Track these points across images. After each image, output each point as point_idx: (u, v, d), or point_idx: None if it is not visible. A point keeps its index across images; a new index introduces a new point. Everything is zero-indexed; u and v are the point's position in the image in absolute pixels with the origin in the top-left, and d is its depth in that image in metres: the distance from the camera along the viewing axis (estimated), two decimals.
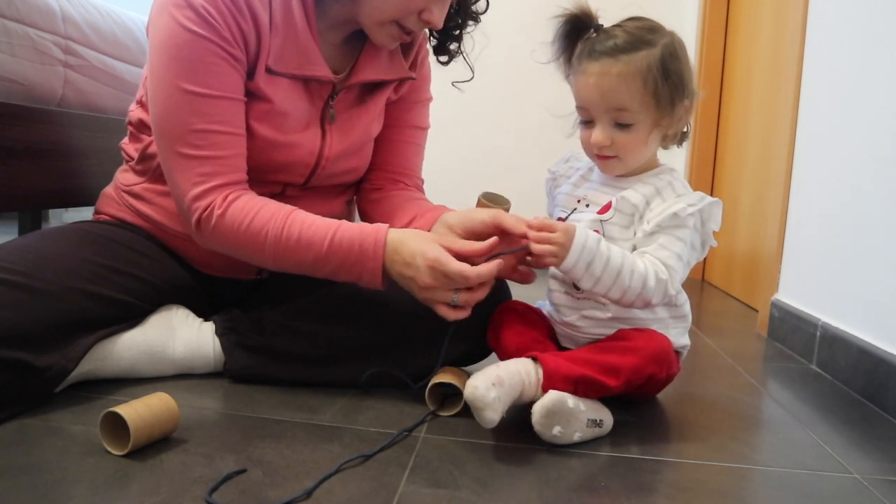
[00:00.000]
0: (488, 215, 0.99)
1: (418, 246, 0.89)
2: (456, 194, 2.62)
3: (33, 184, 1.30)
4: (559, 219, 1.00)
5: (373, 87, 1.10)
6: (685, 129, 0.97)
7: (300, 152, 1.03)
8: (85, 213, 1.18)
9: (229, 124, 0.94)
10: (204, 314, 1.06)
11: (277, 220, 0.92)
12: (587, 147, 0.96)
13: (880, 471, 0.84)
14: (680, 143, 0.98)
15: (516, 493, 0.72)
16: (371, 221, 1.19)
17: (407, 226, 1.10)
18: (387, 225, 0.93)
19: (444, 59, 1.13)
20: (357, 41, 1.08)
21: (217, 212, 0.92)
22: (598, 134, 0.92)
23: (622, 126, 0.92)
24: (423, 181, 1.26)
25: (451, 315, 0.90)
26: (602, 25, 0.94)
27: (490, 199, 1.05)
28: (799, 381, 1.22)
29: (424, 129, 1.24)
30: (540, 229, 0.87)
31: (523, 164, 2.81)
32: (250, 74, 0.96)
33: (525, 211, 0.96)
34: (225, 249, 0.96)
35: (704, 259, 0.94)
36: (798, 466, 0.84)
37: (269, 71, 0.97)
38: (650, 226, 0.91)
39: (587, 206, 0.98)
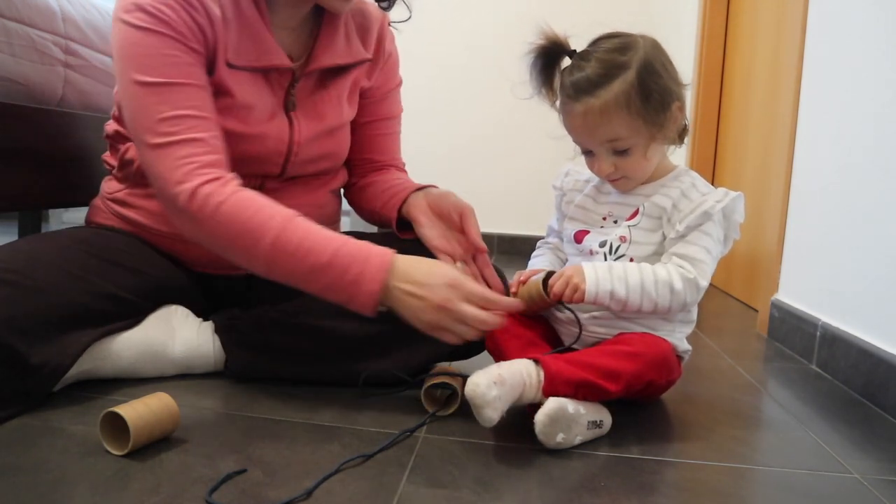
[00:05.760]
0: (459, 209, 1.05)
1: (436, 266, 0.88)
2: (447, 182, 2.67)
3: (33, 184, 1.30)
4: (579, 232, 1.01)
5: (334, 72, 1.10)
6: (684, 124, 0.97)
7: (270, 142, 1.03)
8: (84, 213, 1.18)
9: (199, 109, 0.92)
10: (203, 313, 1.06)
11: (280, 219, 0.88)
12: (595, 174, 0.99)
13: (880, 471, 0.84)
14: (681, 140, 0.98)
15: (516, 494, 0.72)
16: (360, 210, 1.24)
17: (387, 203, 1.13)
18: (393, 250, 0.88)
19: (384, 4, 1.12)
20: (312, 24, 1.09)
21: (217, 199, 0.88)
22: (601, 166, 0.94)
23: (620, 152, 0.93)
24: (404, 164, 1.29)
25: (454, 342, 0.88)
26: (575, 51, 0.93)
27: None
28: (799, 381, 1.22)
29: (399, 115, 1.26)
30: (557, 283, 0.90)
31: (506, 153, 2.88)
32: (210, 69, 0.96)
33: (511, 200, 0.96)
34: (215, 241, 0.91)
35: None
36: (798, 466, 0.84)
37: (229, 66, 0.97)
38: (682, 227, 0.92)
39: (615, 221, 0.98)
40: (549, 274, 0.95)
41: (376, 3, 1.12)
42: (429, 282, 0.85)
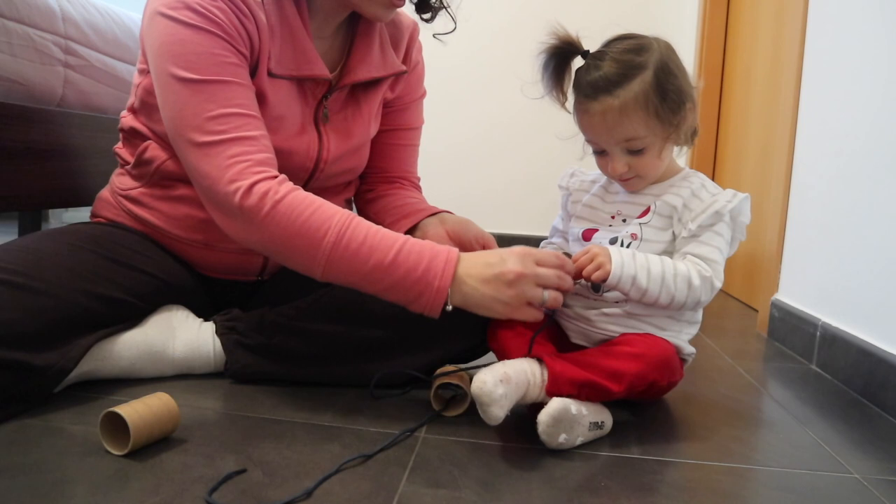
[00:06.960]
0: (482, 240, 1.05)
1: (500, 249, 0.88)
2: (443, 181, 2.70)
3: (33, 184, 1.30)
4: (587, 230, 1.01)
5: (366, 86, 1.09)
6: (695, 125, 0.97)
7: (298, 157, 1.02)
8: (85, 213, 1.18)
9: (247, 107, 0.90)
10: (204, 314, 1.06)
11: (341, 219, 0.85)
12: (607, 174, 0.98)
13: (880, 471, 0.84)
14: (692, 141, 0.98)
15: (517, 494, 0.72)
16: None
17: (399, 221, 1.11)
18: (457, 249, 0.87)
19: (426, 15, 1.08)
20: (345, 34, 1.07)
21: (274, 196, 0.85)
22: (615, 165, 0.94)
23: (635, 152, 0.93)
24: (419, 179, 1.26)
25: (534, 316, 0.87)
26: (588, 51, 0.93)
27: None
28: (799, 381, 1.22)
29: (419, 127, 1.24)
30: (582, 257, 0.90)
31: (506, 153, 2.92)
32: (251, 75, 0.95)
33: (511, 200, 0.96)
34: (270, 241, 0.87)
35: None
36: (798, 466, 0.84)
37: (270, 74, 0.96)
38: (694, 226, 0.92)
39: (623, 220, 0.98)
40: (564, 254, 0.96)
41: (418, 14, 1.08)
42: (500, 257, 0.85)
